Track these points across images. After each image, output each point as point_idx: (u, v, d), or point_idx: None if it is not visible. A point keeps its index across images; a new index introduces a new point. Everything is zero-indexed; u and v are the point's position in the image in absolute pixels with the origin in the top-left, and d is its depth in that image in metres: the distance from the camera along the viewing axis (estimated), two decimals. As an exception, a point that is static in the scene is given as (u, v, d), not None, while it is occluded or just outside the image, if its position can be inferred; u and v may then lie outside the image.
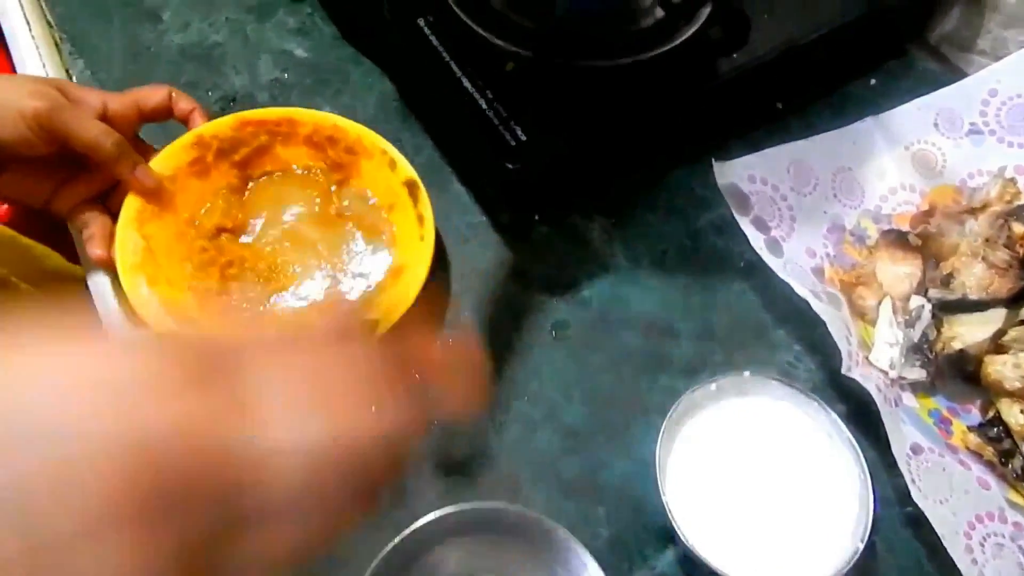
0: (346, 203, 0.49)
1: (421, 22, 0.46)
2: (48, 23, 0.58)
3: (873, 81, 0.60)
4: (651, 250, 0.51)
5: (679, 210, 0.53)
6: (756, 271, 0.48)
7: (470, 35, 0.46)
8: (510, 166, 0.41)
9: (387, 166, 0.48)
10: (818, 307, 0.44)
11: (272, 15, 0.60)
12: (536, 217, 0.51)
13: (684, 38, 0.47)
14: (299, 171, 0.50)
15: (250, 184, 0.49)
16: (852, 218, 0.52)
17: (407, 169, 0.47)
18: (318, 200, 0.49)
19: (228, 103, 0.55)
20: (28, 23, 0.58)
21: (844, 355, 0.43)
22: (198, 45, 0.58)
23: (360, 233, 0.48)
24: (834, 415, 0.41)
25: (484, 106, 0.43)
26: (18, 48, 0.57)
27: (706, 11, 0.49)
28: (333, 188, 0.49)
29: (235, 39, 0.59)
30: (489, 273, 0.49)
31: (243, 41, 0.58)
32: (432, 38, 0.45)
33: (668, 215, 0.52)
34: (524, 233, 0.51)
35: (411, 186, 0.47)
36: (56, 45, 0.57)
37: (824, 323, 0.43)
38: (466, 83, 0.43)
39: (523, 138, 0.42)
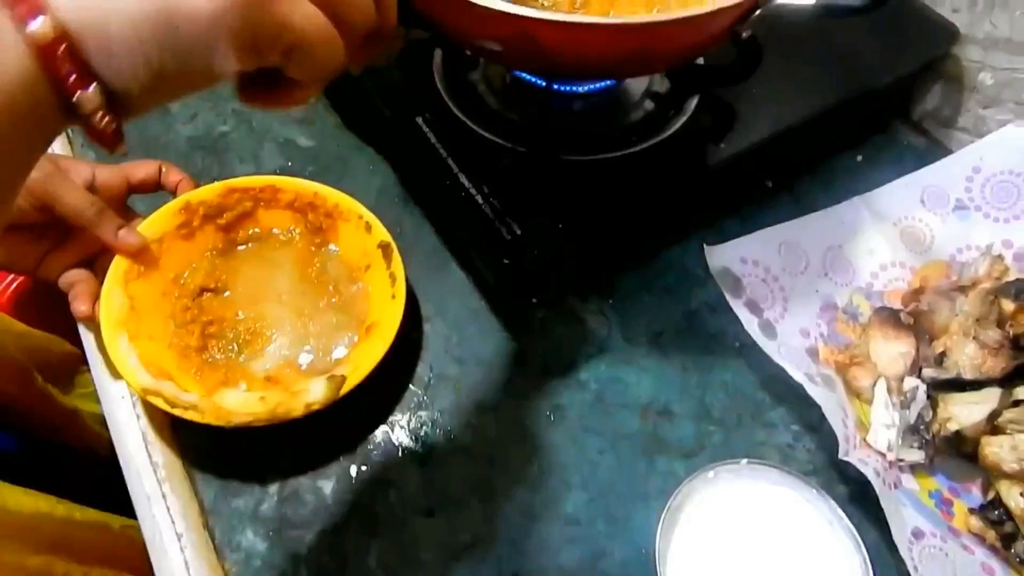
0: (323, 265, 0.52)
1: (419, 120, 0.48)
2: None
3: (860, 157, 0.62)
4: (647, 331, 0.52)
5: (674, 290, 0.54)
6: (751, 351, 0.48)
7: (466, 132, 0.47)
8: (506, 260, 0.42)
9: (363, 229, 0.51)
10: (813, 391, 0.44)
11: (277, 105, 0.62)
12: (534, 300, 0.52)
13: (674, 129, 0.49)
14: (281, 235, 0.53)
15: (235, 247, 0.52)
16: (844, 296, 0.53)
17: (382, 232, 0.50)
18: (297, 263, 0.52)
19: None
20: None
21: (840, 440, 0.43)
22: (205, 136, 0.60)
23: (334, 299, 0.50)
24: (833, 502, 0.41)
25: (480, 201, 0.44)
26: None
27: (694, 102, 0.51)
28: (313, 250, 0.52)
29: (241, 129, 0.61)
30: (488, 358, 0.50)
31: (248, 131, 0.61)
32: (430, 135, 0.47)
33: (663, 295, 0.53)
34: (522, 317, 0.52)
35: (385, 248, 0.49)
36: (68, 138, 0.59)
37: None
38: (463, 179, 0.45)
39: (518, 232, 0.43)
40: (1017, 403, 0.45)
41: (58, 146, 0.59)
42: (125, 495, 0.46)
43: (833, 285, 0.53)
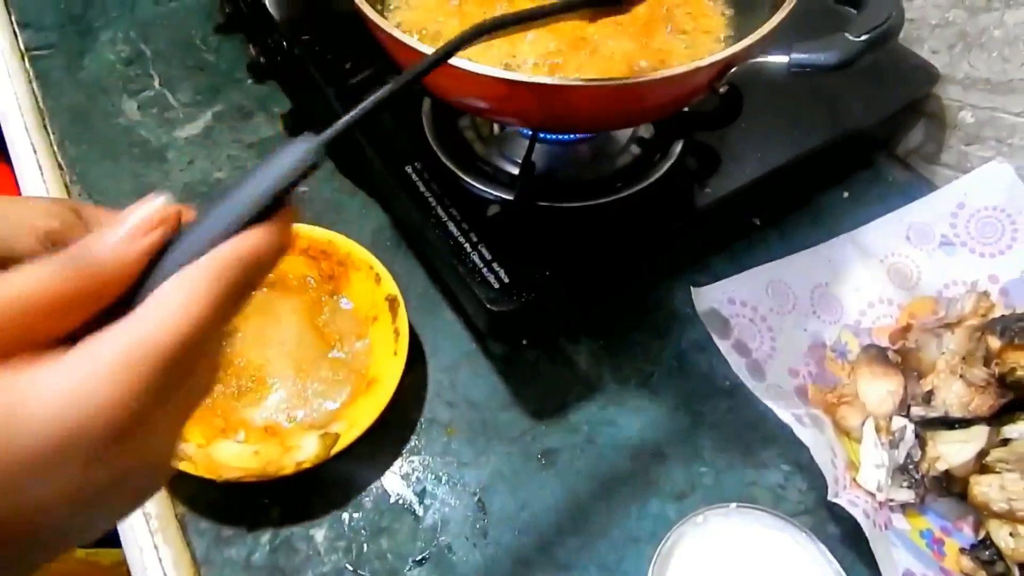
0: (331, 316, 0.52)
1: (409, 169, 0.49)
2: (59, 166, 0.62)
3: (846, 193, 0.62)
4: (638, 372, 0.52)
5: (663, 329, 0.54)
6: (741, 390, 0.49)
7: (454, 180, 0.48)
8: (494, 309, 0.42)
9: (373, 280, 0.52)
10: (802, 433, 0.44)
11: (270, 150, 0.63)
12: (524, 342, 0.53)
13: (660, 174, 0.50)
14: (294, 280, 0.53)
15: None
16: (832, 333, 0.53)
17: (391, 285, 0.51)
18: (306, 311, 0.52)
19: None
20: (40, 168, 0.61)
21: (829, 481, 0.43)
22: (202, 182, 0.61)
23: (340, 354, 0.51)
24: (822, 545, 0.41)
25: (469, 248, 0.45)
26: (29, 192, 0.60)
27: (679, 146, 0.52)
28: (324, 298, 0.53)
29: (236, 175, 0.62)
30: (479, 401, 0.50)
31: (244, 177, 0.62)
32: (419, 183, 0.48)
33: (653, 335, 0.54)
34: (513, 360, 0.52)
35: (392, 301, 0.50)
36: (66, 187, 0.61)
37: (809, 448, 0.44)
38: (452, 227, 0.46)
39: (506, 280, 0.44)
40: (1005, 442, 0.45)
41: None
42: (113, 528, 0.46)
43: (821, 323, 0.53)
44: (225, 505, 0.46)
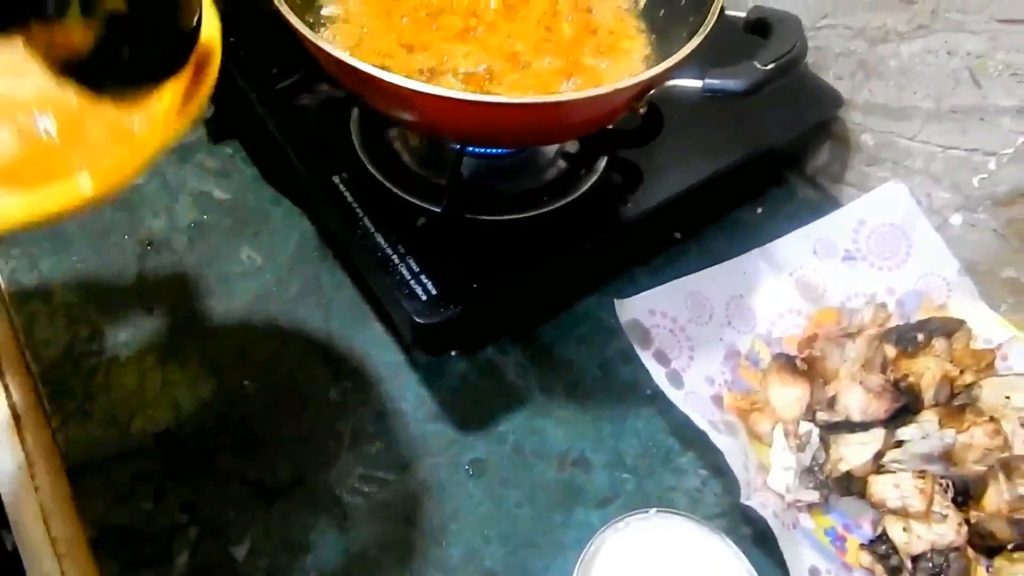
0: None
1: (336, 179, 0.49)
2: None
3: (760, 210, 0.66)
4: (564, 381, 0.53)
5: (589, 340, 0.56)
6: (662, 398, 0.51)
7: (383, 191, 0.48)
8: (421, 321, 0.42)
9: None
10: (716, 439, 0.47)
11: (192, 157, 0.61)
12: (452, 354, 0.53)
13: (584, 189, 0.51)
14: None
15: None
16: (746, 343, 0.56)
17: None
18: None
19: (145, 247, 0.56)
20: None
21: (742, 484, 0.46)
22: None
23: None
24: (735, 546, 0.43)
25: (396, 260, 0.45)
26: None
27: (603, 162, 0.53)
28: None
29: (154, 182, 0.60)
30: (407, 412, 0.51)
31: (162, 183, 0.60)
32: (347, 195, 0.48)
33: (579, 346, 0.55)
34: (441, 371, 0.52)
35: None
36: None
37: (724, 453, 0.46)
38: (379, 239, 0.46)
39: (433, 292, 0.44)
40: (899, 443, 0.48)
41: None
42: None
43: (736, 333, 0.56)
44: (139, 526, 0.44)
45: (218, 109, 0.62)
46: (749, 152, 0.59)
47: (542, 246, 0.49)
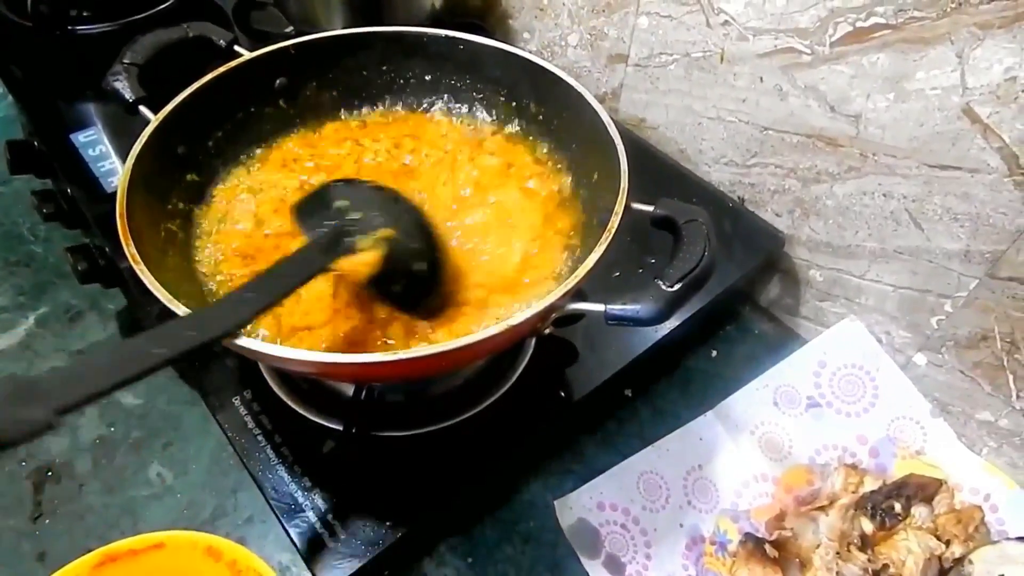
0: None
1: (237, 400, 0.44)
2: None
3: (714, 352, 0.62)
4: (511, 592, 0.48)
5: (536, 536, 0.50)
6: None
7: (286, 411, 0.44)
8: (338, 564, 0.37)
9: None
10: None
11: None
12: (386, 573, 0.47)
13: (513, 380, 0.47)
14: None
15: None
16: (710, 523, 0.51)
17: None
18: None
19: (44, 476, 0.51)
20: None
21: None
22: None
23: None
24: None
25: (301, 499, 0.40)
26: None
27: (531, 345, 0.49)
28: None
29: (57, 394, 0.55)
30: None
31: (66, 396, 0.55)
32: (248, 418, 0.44)
33: (525, 544, 0.50)
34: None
35: None
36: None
37: None
38: (283, 472, 0.41)
39: (342, 537, 0.39)
40: (888, 646, 0.43)
41: None
42: None
43: (697, 513, 0.51)
44: None
45: (130, 302, 0.59)
46: (701, 303, 0.55)
47: (471, 455, 0.44)
